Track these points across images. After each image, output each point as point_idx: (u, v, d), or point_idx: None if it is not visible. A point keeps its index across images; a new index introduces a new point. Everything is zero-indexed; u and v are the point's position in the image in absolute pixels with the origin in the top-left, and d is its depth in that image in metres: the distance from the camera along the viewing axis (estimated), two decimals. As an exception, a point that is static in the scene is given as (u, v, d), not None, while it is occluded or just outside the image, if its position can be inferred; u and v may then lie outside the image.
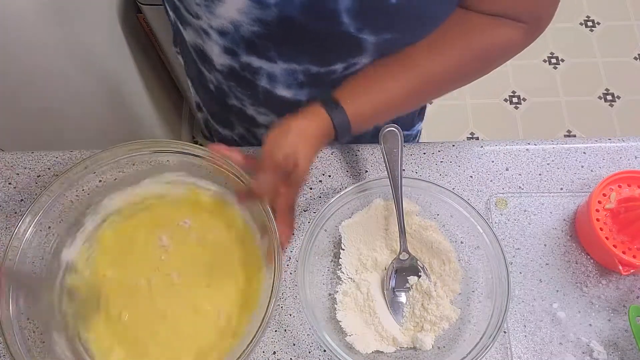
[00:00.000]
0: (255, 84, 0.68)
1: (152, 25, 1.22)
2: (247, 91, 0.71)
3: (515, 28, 0.61)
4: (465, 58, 0.62)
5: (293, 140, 0.58)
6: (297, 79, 0.65)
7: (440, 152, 0.75)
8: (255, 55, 0.63)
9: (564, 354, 0.64)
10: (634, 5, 2.10)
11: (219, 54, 0.65)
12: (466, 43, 0.61)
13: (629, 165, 0.74)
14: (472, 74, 0.65)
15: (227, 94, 0.75)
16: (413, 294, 0.65)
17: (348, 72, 0.64)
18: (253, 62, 0.64)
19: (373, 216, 0.68)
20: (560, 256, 0.69)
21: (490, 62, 0.65)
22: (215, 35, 0.62)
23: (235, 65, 0.66)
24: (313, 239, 0.64)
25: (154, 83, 1.41)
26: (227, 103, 0.77)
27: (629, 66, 1.97)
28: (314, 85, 0.66)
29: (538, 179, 0.74)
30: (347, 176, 0.74)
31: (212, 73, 0.72)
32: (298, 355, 0.64)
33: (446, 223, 0.69)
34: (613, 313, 0.65)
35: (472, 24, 0.61)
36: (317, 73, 0.64)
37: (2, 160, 0.74)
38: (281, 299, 0.67)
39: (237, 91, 0.72)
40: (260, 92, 0.69)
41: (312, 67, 0.63)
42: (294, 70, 0.64)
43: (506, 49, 0.63)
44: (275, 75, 0.65)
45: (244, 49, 0.62)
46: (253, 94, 0.71)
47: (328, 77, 0.65)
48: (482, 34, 0.61)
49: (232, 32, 0.60)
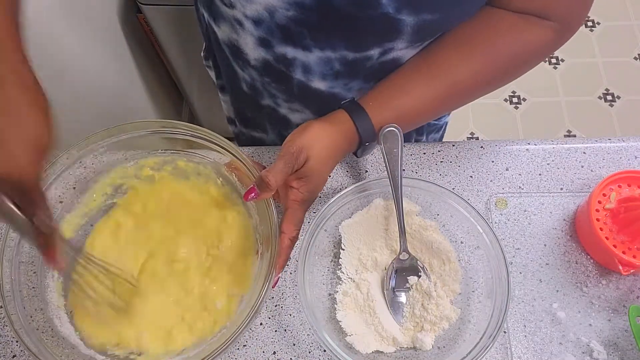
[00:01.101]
0: (289, 77, 0.67)
1: (152, 25, 1.22)
2: (282, 86, 0.70)
3: (546, 28, 0.60)
4: (494, 63, 0.61)
5: (309, 136, 0.59)
6: (332, 68, 0.64)
7: (440, 152, 0.75)
8: (290, 45, 0.62)
9: (564, 354, 0.64)
10: (634, 5, 2.10)
11: (253, 47, 0.64)
12: (495, 48, 0.60)
13: (629, 165, 0.74)
14: (500, 79, 0.64)
15: (261, 93, 0.74)
16: (413, 294, 0.65)
17: (384, 58, 0.63)
18: (288, 53, 0.63)
19: (373, 216, 0.68)
20: (560, 256, 0.69)
21: (519, 67, 0.64)
22: (250, 25, 0.61)
23: (270, 57, 0.65)
24: (313, 239, 0.64)
25: (154, 83, 1.41)
26: (260, 104, 0.76)
27: (629, 66, 1.97)
28: (349, 74, 0.65)
29: (538, 179, 0.74)
30: (347, 176, 0.74)
31: (246, 70, 0.71)
32: (298, 355, 0.64)
33: (446, 223, 0.69)
34: (613, 313, 0.65)
35: (501, 26, 0.60)
36: (353, 60, 0.63)
37: (2, 160, 0.74)
38: (281, 299, 0.67)
39: (271, 88, 0.72)
40: (295, 85, 0.68)
41: (348, 53, 0.62)
42: (329, 58, 0.63)
43: (537, 51, 0.62)
44: (310, 66, 0.64)
45: (278, 38, 0.61)
46: (287, 88, 0.70)
47: (364, 65, 0.63)
48: (511, 36, 0.60)
49: (266, 20, 0.59)
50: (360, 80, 0.66)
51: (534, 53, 0.62)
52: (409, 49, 0.62)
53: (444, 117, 0.89)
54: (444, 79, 0.62)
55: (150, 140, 0.67)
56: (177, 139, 0.66)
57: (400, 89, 0.63)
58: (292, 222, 0.60)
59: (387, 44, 0.60)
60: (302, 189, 0.60)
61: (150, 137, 0.66)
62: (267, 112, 0.78)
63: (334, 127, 0.61)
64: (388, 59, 0.63)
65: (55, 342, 0.59)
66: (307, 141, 0.59)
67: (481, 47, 0.61)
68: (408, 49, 0.62)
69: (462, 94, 0.64)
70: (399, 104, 0.63)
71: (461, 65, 0.61)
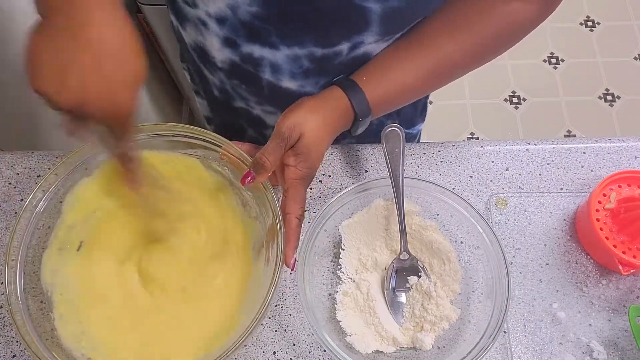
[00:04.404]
0: (258, 77, 0.66)
1: (152, 25, 1.22)
2: (251, 87, 0.70)
3: (529, 3, 0.60)
4: (482, 39, 0.62)
5: (301, 113, 0.59)
6: (302, 66, 0.64)
7: (440, 152, 0.75)
8: (256, 43, 0.61)
9: (564, 354, 0.64)
10: (634, 5, 2.10)
11: (219, 48, 0.64)
12: (483, 24, 0.61)
13: (629, 165, 0.74)
14: (489, 54, 0.65)
15: (232, 96, 0.74)
16: (413, 294, 0.65)
17: (354, 53, 0.63)
18: (254, 52, 0.63)
19: (373, 216, 0.68)
20: (560, 256, 0.69)
21: (506, 41, 0.64)
22: (214, 25, 0.61)
23: (236, 58, 0.65)
24: (313, 239, 0.64)
25: (154, 83, 1.41)
26: (233, 106, 0.76)
27: (629, 66, 1.97)
28: (319, 72, 0.65)
29: (538, 179, 0.74)
30: (347, 176, 0.74)
31: (214, 74, 0.71)
32: (298, 355, 0.64)
33: (446, 223, 0.69)
34: (613, 313, 0.65)
35: (485, 3, 0.60)
36: (323, 56, 0.62)
37: (2, 160, 0.74)
38: (281, 299, 0.67)
39: (241, 90, 0.71)
40: (264, 86, 0.68)
41: (317, 49, 0.61)
42: (297, 56, 0.62)
43: (522, 26, 0.62)
44: (278, 65, 0.64)
45: (244, 36, 0.61)
46: (257, 89, 0.70)
47: (334, 61, 0.63)
48: (497, 12, 0.60)
49: (230, 18, 0.58)
50: (331, 77, 0.66)
51: (520, 27, 0.63)
52: (379, 43, 0.62)
53: (419, 124, 0.90)
54: (434, 55, 0.62)
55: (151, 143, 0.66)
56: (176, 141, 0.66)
57: (392, 64, 0.63)
58: (296, 200, 0.58)
59: (355, 37, 0.60)
60: (299, 166, 0.59)
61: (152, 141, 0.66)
62: (242, 114, 0.77)
63: (328, 103, 0.61)
64: (358, 54, 0.63)
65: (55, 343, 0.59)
66: (299, 118, 0.58)
67: (468, 24, 0.61)
68: (378, 42, 0.62)
69: (452, 68, 0.65)
70: (392, 79, 0.62)
71: (450, 42, 0.62)
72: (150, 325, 0.63)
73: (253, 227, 0.66)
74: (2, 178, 0.73)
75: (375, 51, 0.64)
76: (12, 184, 0.73)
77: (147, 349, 0.62)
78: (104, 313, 0.63)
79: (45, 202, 0.62)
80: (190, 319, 0.64)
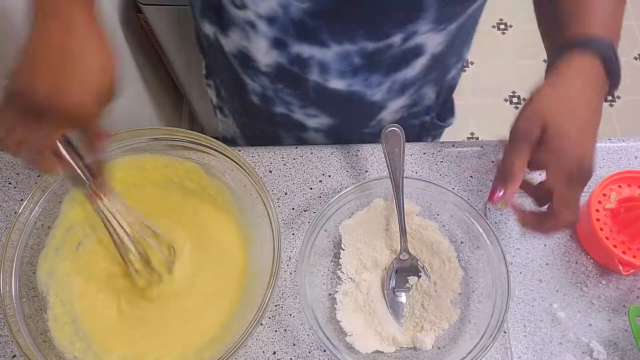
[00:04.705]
0: (305, 79, 0.65)
1: (152, 25, 1.22)
2: (296, 90, 0.69)
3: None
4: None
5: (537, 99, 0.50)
6: (351, 64, 0.62)
7: (440, 152, 0.75)
8: (306, 42, 0.60)
9: (564, 354, 0.64)
10: (634, 5, 2.10)
11: (266, 50, 0.63)
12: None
13: (629, 165, 0.74)
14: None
15: (273, 101, 0.72)
16: (413, 294, 0.65)
17: (407, 45, 0.60)
18: (303, 52, 0.62)
19: (373, 216, 0.68)
20: (560, 256, 0.69)
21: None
22: (263, 26, 0.60)
23: (284, 60, 0.64)
24: (313, 239, 0.64)
25: (154, 83, 1.41)
26: (272, 112, 0.75)
27: (629, 66, 1.97)
28: (369, 68, 0.63)
29: (538, 179, 0.73)
30: (347, 176, 0.74)
31: (256, 79, 0.69)
32: (298, 355, 0.64)
33: (446, 223, 0.69)
34: (613, 313, 0.65)
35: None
36: (374, 51, 0.61)
37: (2, 160, 0.74)
38: (281, 299, 0.67)
39: (284, 94, 0.70)
40: (310, 88, 0.67)
41: (369, 44, 0.60)
42: (347, 52, 0.61)
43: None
44: (327, 64, 0.63)
45: (293, 36, 0.60)
46: (302, 92, 0.68)
47: (385, 55, 0.61)
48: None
49: (280, 17, 0.57)
50: (381, 73, 0.65)
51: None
52: (432, 33, 0.60)
53: (451, 119, 0.88)
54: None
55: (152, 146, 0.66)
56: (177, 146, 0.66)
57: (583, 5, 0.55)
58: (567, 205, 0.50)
59: (409, 27, 0.58)
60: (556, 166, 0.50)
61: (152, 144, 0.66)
62: (280, 121, 0.76)
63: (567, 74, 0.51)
64: (411, 45, 0.61)
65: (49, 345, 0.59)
66: (535, 105, 0.50)
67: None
68: (432, 32, 0.60)
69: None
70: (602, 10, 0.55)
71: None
72: (145, 328, 0.63)
73: (250, 232, 0.66)
74: (2, 178, 0.73)
75: (429, 42, 0.61)
76: (12, 184, 0.73)
77: (141, 352, 0.62)
78: (99, 316, 0.63)
79: (45, 202, 0.62)
80: (188, 322, 0.64)
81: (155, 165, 0.68)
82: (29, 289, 0.60)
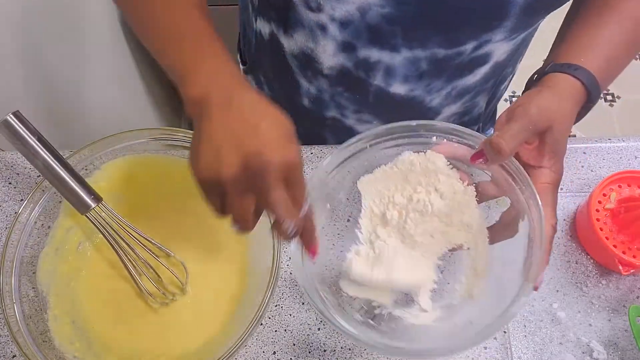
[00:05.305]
0: (367, 83, 0.64)
1: (152, 25, 1.22)
2: (355, 94, 0.67)
3: None
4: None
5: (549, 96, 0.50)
6: (418, 69, 0.61)
7: (440, 152, 0.75)
8: (376, 47, 0.59)
9: (564, 354, 0.63)
10: (634, 5, 2.10)
11: (332, 53, 0.62)
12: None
13: (629, 165, 0.74)
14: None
15: (327, 105, 0.71)
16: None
17: (476, 53, 0.60)
18: (372, 56, 0.61)
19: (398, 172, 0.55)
20: (560, 256, 0.69)
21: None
22: (335, 29, 0.59)
23: (349, 64, 0.63)
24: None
25: (154, 83, 1.41)
26: (323, 116, 0.74)
27: (629, 66, 1.95)
28: (434, 74, 0.63)
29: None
30: (347, 176, 0.74)
31: (314, 82, 0.68)
32: (298, 355, 0.64)
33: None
34: (613, 313, 0.65)
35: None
36: (443, 57, 0.60)
37: (2, 160, 0.74)
38: (281, 299, 0.67)
39: (341, 98, 0.69)
40: (371, 92, 0.66)
41: (440, 50, 0.59)
42: (417, 58, 0.60)
43: None
44: (393, 68, 0.62)
45: (365, 40, 0.59)
46: (362, 97, 0.67)
47: (453, 62, 0.61)
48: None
49: (356, 21, 0.56)
50: (443, 80, 0.64)
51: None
52: (503, 42, 0.59)
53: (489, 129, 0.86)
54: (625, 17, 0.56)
55: (150, 146, 0.66)
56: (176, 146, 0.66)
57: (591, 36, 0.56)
58: (549, 204, 0.50)
59: (485, 36, 0.57)
60: (554, 168, 0.50)
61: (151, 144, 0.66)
62: (330, 124, 0.75)
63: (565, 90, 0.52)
64: (479, 54, 0.60)
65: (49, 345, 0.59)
66: (548, 101, 0.49)
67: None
68: (503, 41, 0.59)
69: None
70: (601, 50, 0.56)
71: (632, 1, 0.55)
72: (145, 328, 0.63)
73: None
74: (2, 178, 0.73)
75: (497, 51, 0.61)
76: (12, 184, 0.73)
77: (142, 352, 0.62)
78: (99, 315, 0.63)
79: (45, 202, 0.62)
80: (188, 322, 0.64)
81: (155, 165, 0.68)
82: (29, 289, 0.60)
